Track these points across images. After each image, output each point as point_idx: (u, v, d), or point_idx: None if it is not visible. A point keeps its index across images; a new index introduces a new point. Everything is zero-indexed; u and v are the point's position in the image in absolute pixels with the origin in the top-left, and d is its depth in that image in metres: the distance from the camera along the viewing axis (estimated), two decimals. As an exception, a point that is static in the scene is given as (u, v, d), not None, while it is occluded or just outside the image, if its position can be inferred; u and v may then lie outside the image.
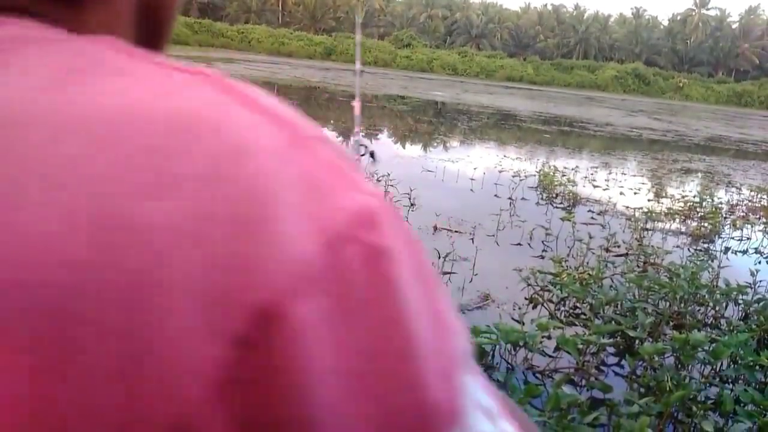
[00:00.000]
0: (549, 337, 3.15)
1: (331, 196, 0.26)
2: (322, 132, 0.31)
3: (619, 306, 3.59)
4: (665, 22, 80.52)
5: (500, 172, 8.26)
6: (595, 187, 8.02)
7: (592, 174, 9.05)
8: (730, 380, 2.89)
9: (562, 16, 79.54)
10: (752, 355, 2.66)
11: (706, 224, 6.18)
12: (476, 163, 9.04)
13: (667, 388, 2.35)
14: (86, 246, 0.21)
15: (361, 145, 3.53)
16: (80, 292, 0.20)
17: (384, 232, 0.27)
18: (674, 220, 6.45)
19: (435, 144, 11.28)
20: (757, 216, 7.10)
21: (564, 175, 7.94)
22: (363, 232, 0.26)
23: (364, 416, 0.25)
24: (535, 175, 7.83)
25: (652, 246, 4.90)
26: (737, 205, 7.73)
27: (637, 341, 3.07)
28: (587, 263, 4.43)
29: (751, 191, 8.88)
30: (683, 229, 6.18)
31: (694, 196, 7.31)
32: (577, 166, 9.52)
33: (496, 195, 6.80)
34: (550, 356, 3.01)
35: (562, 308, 3.69)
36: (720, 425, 2.40)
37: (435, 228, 5.10)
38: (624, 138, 16.22)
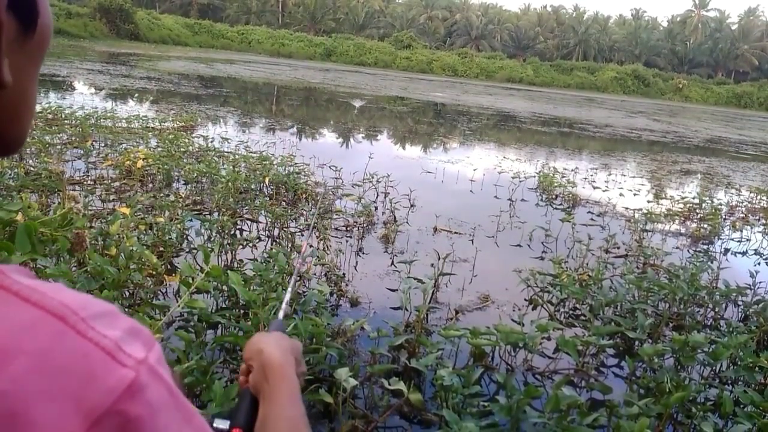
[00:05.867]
0: (549, 339, 3.15)
1: (97, 379, 0.38)
2: (97, 307, 0.42)
3: (618, 307, 3.59)
4: (665, 24, 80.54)
5: (500, 173, 8.26)
6: (594, 188, 8.02)
7: (591, 175, 9.05)
8: (729, 381, 2.89)
9: (562, 17, 79.45)
10: (752, 356, 2.67)
11: (705, 225, 6.18)
12: (476, 164, 9.04)
13: (667, 390, 2.35)
14: None
15: None
16: None
17: (140, 398, 0.40)
18: (674, 221, 6.46)
19: (435, 145, 11.28)
20: (757, 217, 7.11)
21: (564, 177, 7.94)
22: (124, 403, 0.39)
23: None
24: (534, 177, 7.84)
25: (652, 247, 4.90)
26: (737, 206, 7.73)
27: (636, 342, 3.08)
28: (587, 264, 4.43)
29: (750, 192, 8.89)
30: (683, 230, 6.18)
31: (693, 198, 7.31)
32: (576, 168, 9.52)
33: (495, 196, 6.80)
34: (549, 357, 3.01)
35: (562, 309, 3.69)
36: (719, 427, 2.40)
37: (435, 229, 5.10)
38: (623, 139, 16.22)
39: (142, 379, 0.40)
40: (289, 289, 1.13)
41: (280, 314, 1.07)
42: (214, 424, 0.77)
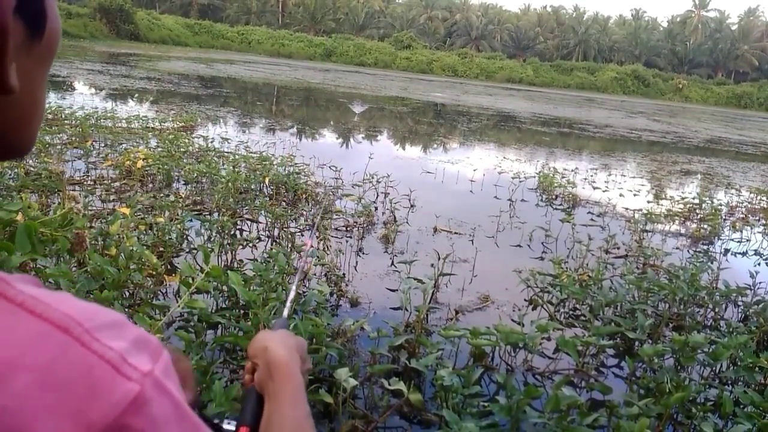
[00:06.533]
0: (548, 339, 3.15)
1: (101, 392, 0.38)
2: (103, 317, 0.41)
3: (618, 307, 3.59)
4: (665, 24, 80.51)
5: (500, 173, 8.26)
6: (594, 188, 8.02)
7: (591, 175, 9.05)
8: (729, 382, 2.89)
9: (562, 17, 79.41)
10: (752, 356, 2.67)
11: (705, 226, 6.18)
12: (476, 164, 9.04)
13: (667, 390, 2.35)
14: None
15: None
16: None
17: (145, 412, 0.39)
18: (674, 221, 6.46)
19: (435, 145, 11.28)
20: (757, 218, 7.11)
21: (563, 177, 7.94)
22: (128, 418, 0.38)
23: None
24: (534, 177, 7.84)
25: (652, 247, 4.90)
26: (736, 206, 7.73)
27: (636, 343, 3.08)
28: (587, 265, 4.43)
29: (750, 193, 8.89)
30: (683, 230, 6.18)
31: (693, 198, 7.31)
32: (576, 168, 9.52)
33: (495, 196, 6.80)
34: (549, 358, 3.01)
35: (562, 310, 3.69)
36: (719, 427, 2.40)
37: (435, 229, 5.10)
38: (623, 139, 16.22)
39: (146, 393, 0.40)
40: (294, 288, 1.13)
41: (285, 313, 1.07)
42: (224, 425, 0.77)
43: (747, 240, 6.09)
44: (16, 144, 0.47)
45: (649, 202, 7.52)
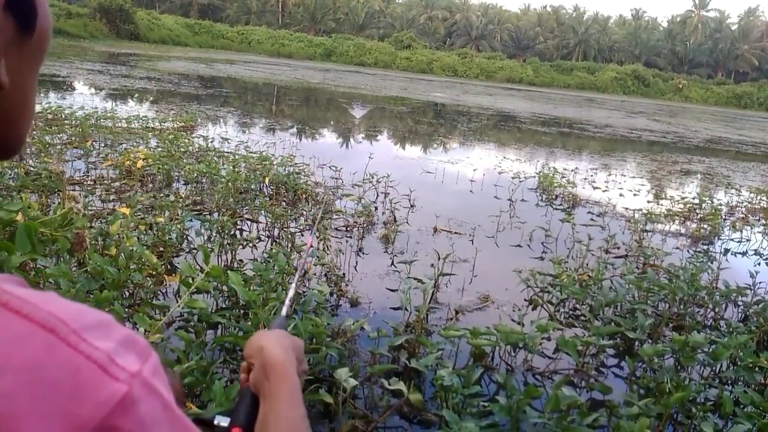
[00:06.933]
0: (548, 339, 3.15)
1: (88, 393, 0.37)
2: (90, 317, 0.41)
3: (618, 307, 3.59)
4: (665, 24, 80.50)
5: (500, 173, 8.26)
6: (594, 188, 8.02)
7: (591, 175, 9.05)
8: (729, 382, 2.89)
9: (562, 17, 79.39)
10: (752, 356, 2.67)
11: (705, 226, 6.18)
12: (476, 164, 9.04)
13: (667, 390, 2.35)
14: None
15: None
16: None
17: (133, 413, 0.39)
18: (674, 221, 6.46)
19: (435, 145, 11.28)
20: (757, 218, 7.10)
21: (563, 177, 7.94)
22: (116, 419, 0.38)
23: None
24: (534, 177, 7.84)
25: (652, 247, 4.90)
26: (736, 206, 7.73)
27: (636, 343, 3.08)
28: (587, 265, 4.43)
29: (750, 193, 8.89)
30: (683, 230, 6.18)
31: (693, 198, 7.31)
32: (576, 168, 9.52)
33: (495, 196, 6.80)
34: (549, 357, 3.01)
35: (562, 310, 3.69)
36: (719, 427, 2.40)
37: (435, 229, 5.10)
38: (623, 139, 16.21)
39: (134, 393, 0.39)
40: (293, 287, 1.12)
41: (283, 312, 1.06)
42: (215, 422, 0.76)
43: (747, 240, 6.09)
44: (4, 142, 0.46)
45: (649, 202, 7.52)
